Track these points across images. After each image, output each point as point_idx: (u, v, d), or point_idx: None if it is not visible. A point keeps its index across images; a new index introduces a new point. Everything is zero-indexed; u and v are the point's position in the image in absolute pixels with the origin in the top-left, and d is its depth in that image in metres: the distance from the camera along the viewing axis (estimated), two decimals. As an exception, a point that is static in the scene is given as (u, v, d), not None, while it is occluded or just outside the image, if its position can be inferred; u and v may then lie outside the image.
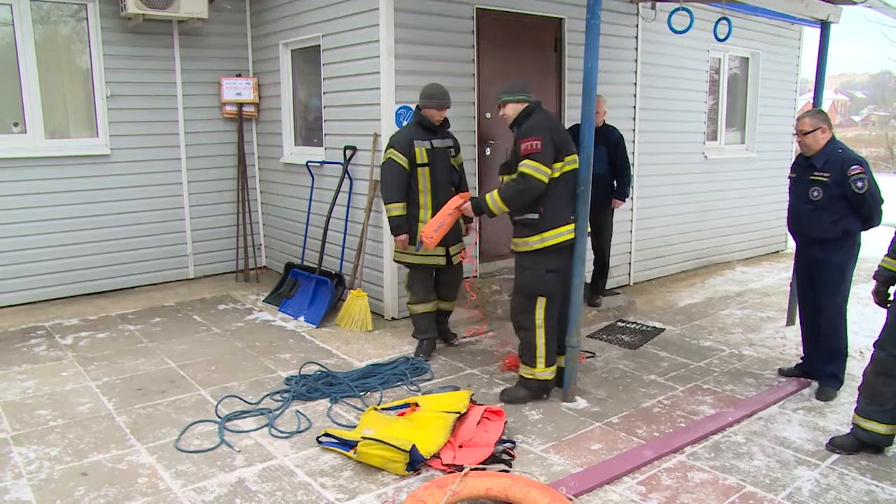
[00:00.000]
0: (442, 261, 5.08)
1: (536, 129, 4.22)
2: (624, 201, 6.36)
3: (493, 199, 4.31)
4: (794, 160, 4.81)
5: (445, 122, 5.13)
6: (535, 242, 4.24)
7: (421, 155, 4.95)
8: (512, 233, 4.44)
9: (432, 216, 4.91)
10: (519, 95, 4.38)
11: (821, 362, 4.64)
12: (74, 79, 6.66)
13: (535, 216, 4.22)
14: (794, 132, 4.58)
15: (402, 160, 4.91)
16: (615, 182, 6.20)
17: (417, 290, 5.14)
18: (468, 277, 6.27)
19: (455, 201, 4.63)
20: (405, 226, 4.97)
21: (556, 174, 4.20)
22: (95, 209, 6.74)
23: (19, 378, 4.74)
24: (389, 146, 4.99)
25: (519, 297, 4.37)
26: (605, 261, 6.43)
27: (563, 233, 4.24)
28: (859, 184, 4.25)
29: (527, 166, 4.14)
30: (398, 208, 4.95)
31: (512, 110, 4.40)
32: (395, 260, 5.25)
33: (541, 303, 4.29)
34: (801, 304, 4.83)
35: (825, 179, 4.37)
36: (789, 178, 4.73)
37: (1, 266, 6.31)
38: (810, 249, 4.59)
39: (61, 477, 3.45)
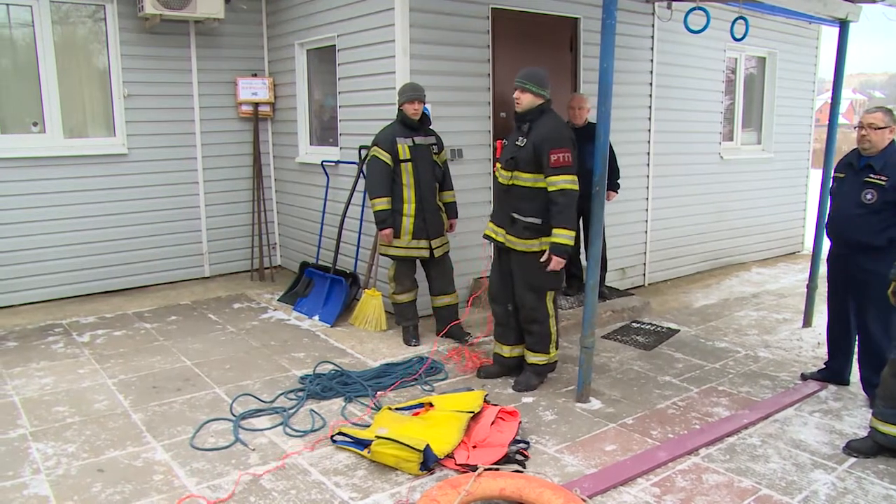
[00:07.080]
0: (425, 253, 5.28)
1: (567, 140, 4.29)
2: (617, 193, 6.36)
3: (563, 234, 4.24)
4: (842, 159, 4.54)
5: (427, 120, 5.30)
6: (535, 245, 4.38)
7: (403, 151, 5.14)
8: (510, 231, 4.45)
9: (416, 210, 5.17)
10: (544, 90, 4.33)
11: (868, 372, 4.43)
12: (92, 79, 6.72)
13: (539, 222, 4.35)
14: (857, 125, 4.31)
15: (385, 157, 5.12)
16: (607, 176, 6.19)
17: (403, 281, 5.40)
18: (480, 277, 6.28)
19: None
20: (389, 220, 5.19)
21: None
22: (112, 208, 6.79)
23: (37, 375, 4.79)
24: (373, 144, 5.20)
25: (532, 294, 4.47)
26: (603, 254, 6.40)
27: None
28: None
29: (566, 182, 4.22)
30: (383, 203, 5.15)
31: (529, 101, 4.32)
32: (380, 253, 5.51)
33: (550, 295, 4.52)
34: (833, 311, 4.66)
35: (883, 183, 4.19)
36: (834, 177, 4.54)
37: (19, 264, 6.38)
38: (852, 257, 4.38)
39: (78, 473, 3.49)
